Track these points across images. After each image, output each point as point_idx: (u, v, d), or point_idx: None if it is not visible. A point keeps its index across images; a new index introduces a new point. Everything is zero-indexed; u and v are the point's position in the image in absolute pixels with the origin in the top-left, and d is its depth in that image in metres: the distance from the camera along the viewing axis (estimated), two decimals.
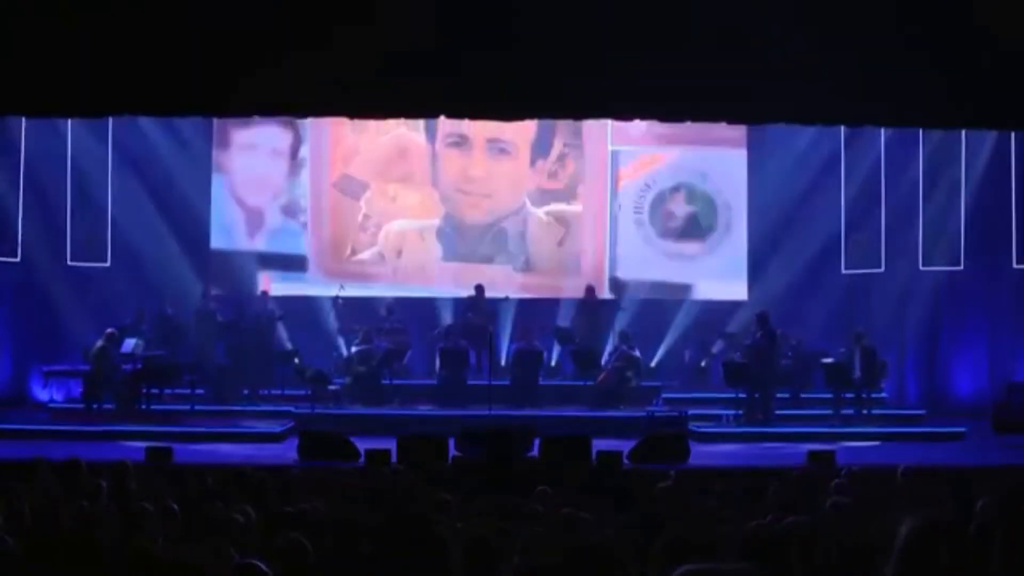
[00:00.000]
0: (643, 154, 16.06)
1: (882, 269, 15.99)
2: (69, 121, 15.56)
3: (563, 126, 15.81)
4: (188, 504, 6.30)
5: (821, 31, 10.07)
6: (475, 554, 4.30)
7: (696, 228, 16.17)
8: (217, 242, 16.27)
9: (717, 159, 16.05)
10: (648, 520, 5.46)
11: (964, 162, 15.56)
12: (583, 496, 7.47)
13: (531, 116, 12.07)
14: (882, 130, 15.82)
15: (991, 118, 11.23)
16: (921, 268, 15.80)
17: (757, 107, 10.81)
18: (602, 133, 15.83)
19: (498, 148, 15.83)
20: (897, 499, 7.23)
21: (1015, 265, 15.48)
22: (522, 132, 15.62)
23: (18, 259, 15.44)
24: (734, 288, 16.03)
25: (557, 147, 15.82)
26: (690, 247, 16.14)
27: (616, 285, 16.05)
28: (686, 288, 16.14)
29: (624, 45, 10.15)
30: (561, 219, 15.94)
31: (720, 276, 16.04)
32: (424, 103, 10.81)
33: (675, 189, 16.10)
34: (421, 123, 15.73)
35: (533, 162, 15.87)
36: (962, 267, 15.72)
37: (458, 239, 16.00)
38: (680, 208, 16.11)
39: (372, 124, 15.92)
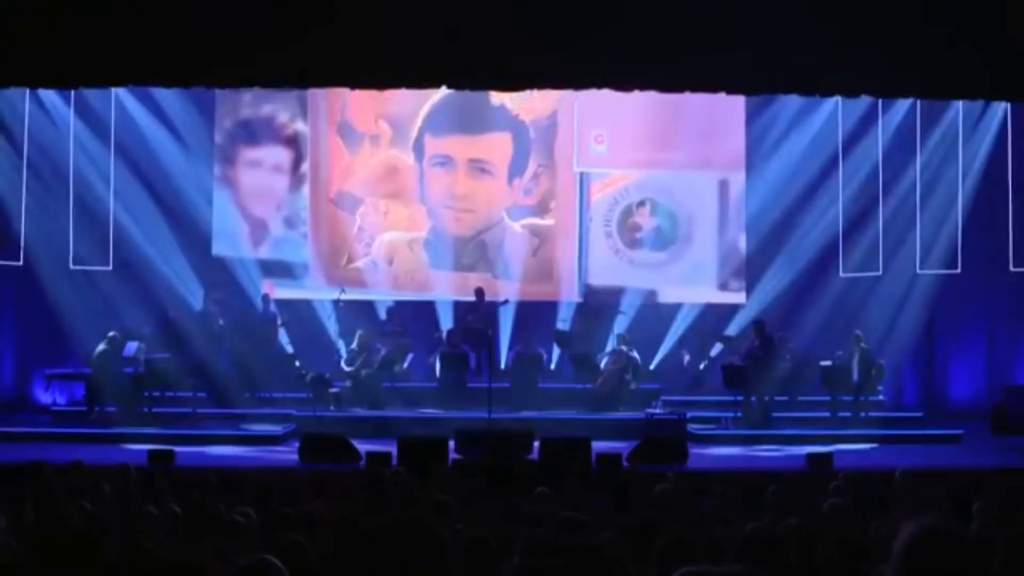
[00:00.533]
0: (612, 173, 16.89)
1: (880, 272, 16.02)
2: (72, 124, 15.63)
3: (537, 149, 16.71)
4: (190, 506, 6.33)
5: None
6: (475, 555, 4.34)
7: (659, 239, 16.79)
8: (220, 248, 16.47)
9: (678, 179, 16.78)
10: (647, 522, 5.48)
11: (961, 166, 15.60)
12: (582, 498, 7.50)
13: (531, 87, 12.15)
14: (880, 134, 15.87)
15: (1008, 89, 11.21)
16: (919, 271, 15.82)
17: (757, 77, 10.82)
18: (570, 156, 16.75)
19: (479, 168, 16.76)
20: (895, 501, 7.25)
21: (1012, 268, 15.51)
22: (500, 154, 16.70)
23: (20, 263, 15.48)
24: (697, 292, 16.67)
25: (532, 167, 16.74)
26: (654, 256, 16.79)
27: (587, 291, 16.56)
28: (651, 293, 16.76)
29: (625, 15, 10.19)
30: (535, 232, 16.79)
31: (682, 282, 16.74)
32: (428, 74, 10.87)
33: (640, 204, 16.87)
34: (410, 145, 16.65)
35: (510, 180, 16.77)
36: (959, 270, 15.74)
37: (443, 249, 16.75)
38: (645, 221, 16.79)
39: (366, 145, 16.58)
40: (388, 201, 16.69)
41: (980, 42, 10.23)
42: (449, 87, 11.99)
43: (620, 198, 16.78)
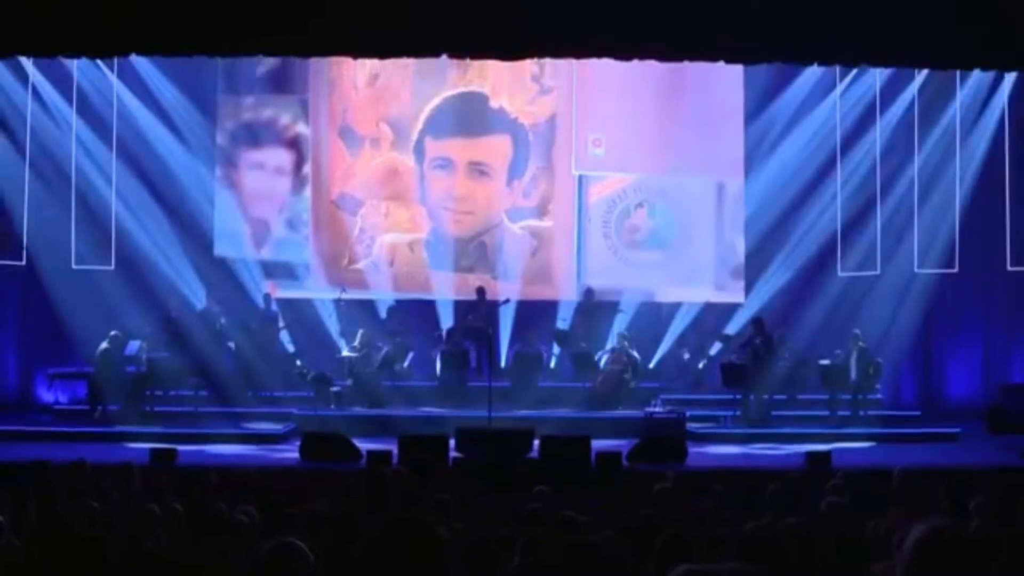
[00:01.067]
0: (610, 176, 16.96)
1: (878, 272, 16.05)
2: (74, 125, 15.66)
3: (536, 152, 16.77)
4: (192, 505, 6.37)
5: None
6: (475, 555, 4.37)
7: (657, 240, 16.85)
8: (222, 249, 16.52)
9: (676, 182, 16.83)
10: (646, 521, 5.52)
11: (959, 165, 15.63)
12: (582, 496, 7.55)
13: (532, 55, 12.18)
14: (878, 134, 15.90)
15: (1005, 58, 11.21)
16: (917, 271, 15.85)
17: (758, 47, 10.82)
18: (568, 159, 16.83)
19: (478, 170, 16.84)
20: (893, 499, 7.29)
21: (1009, 268, 15.56)
22: (500, 156, 16.81)
23: (23, 263, 15.51)
24: (695, 293, 16.71)
25: (531, 170, 16.82)
26: (652, 257, 16.84)
27: (585, 291, 16.58)
28: (648, 293, 16.84)
29: None
30: (534, 233, 16.90)
31: (680, 283, 16.81)
32: (428, 43, 10.87)
33: (639, 205, 16.96)
34: (410, 147, 16.76)
35: (509, 183, 16.87)
36: (957, 270, 15.77)
37: (443, 251, 16.86)
38: (643, 222, 16.90)
39: (367, 148, 16.65)
40: (389, 203, 16.78)
41: (983, 11, 10.22)
42: (450, 56, 12.07)
43: (618, 200, 16.84)
